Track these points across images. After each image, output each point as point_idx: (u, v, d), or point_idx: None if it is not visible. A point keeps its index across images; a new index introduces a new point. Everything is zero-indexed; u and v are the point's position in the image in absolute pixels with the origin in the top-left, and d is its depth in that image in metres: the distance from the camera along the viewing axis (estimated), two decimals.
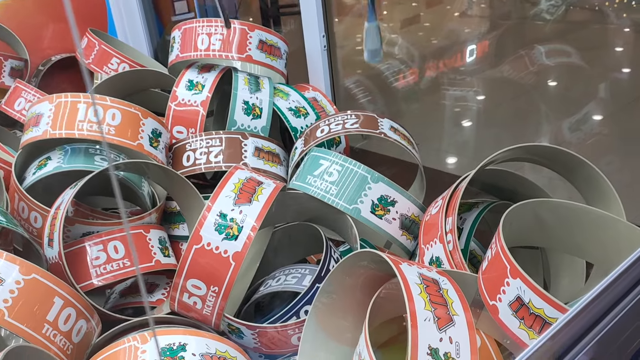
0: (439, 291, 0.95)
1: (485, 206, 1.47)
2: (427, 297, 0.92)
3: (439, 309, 0.91)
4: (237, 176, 1.43)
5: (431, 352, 0.85)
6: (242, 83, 1.86)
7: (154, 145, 1.66)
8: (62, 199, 1.46)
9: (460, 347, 0.88)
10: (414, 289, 0.92)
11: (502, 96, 2.76)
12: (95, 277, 1.45)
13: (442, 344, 0.87)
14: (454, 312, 0.93)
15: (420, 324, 0.87)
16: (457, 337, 0.89)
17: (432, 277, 0.99)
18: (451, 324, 0.90)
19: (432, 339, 0.87)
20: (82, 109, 1.58)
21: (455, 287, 0.98)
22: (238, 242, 1.31)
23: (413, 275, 0.96)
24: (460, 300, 0.96)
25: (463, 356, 0.87)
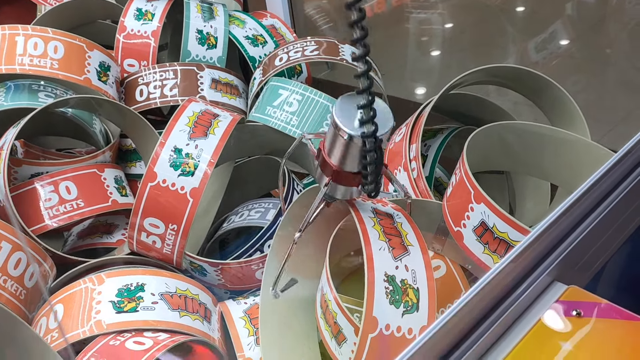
0: (393, 224, 0.94)
1: (449, 132, 1.44)
2: (381, 229, 0.91)
3: (393, 239, 0.90)
4: (191, 109, 1.36)
5: (388, 279, 0.84)
6: (195, 11, 1.75)
7: (103, 79, 1.57)
8: (5, 138, 1.37)
9: (417, 274, 0.87)
10: (368, 222, 0.90)
11: (468, 21, 2.69)
12: (49, 219, 1.39)
13: (398, 272, 0.85)
14: (408, 243, 0.91)
15: (375, 252, 0.86)
16: (412, 265, 0.87)
17: (386, 212, 0.96)
18: (406, 253, 0.89)
19: (388, 266, 0.85)
20: (20, 41, 1.46)
21: (409, 220, 0.96)
22: (195, 178, 1.26)
23: (366, 211, 0.94)
24: (414, 232, 0.94)
25: (420, 282, 0.86)
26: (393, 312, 0.83)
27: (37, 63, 1.47)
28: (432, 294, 0.87)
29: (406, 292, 0.84)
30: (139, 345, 0.99)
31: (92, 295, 1.08)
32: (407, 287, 0.85)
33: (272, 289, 1.02)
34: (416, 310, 0.84)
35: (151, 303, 1.09)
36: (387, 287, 0.83)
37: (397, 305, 0.83)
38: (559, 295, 0.67)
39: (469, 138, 1.15)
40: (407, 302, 0.84)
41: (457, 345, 0.61)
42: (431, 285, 0.88)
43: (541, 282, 0.68)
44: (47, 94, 1.54)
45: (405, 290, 0.85)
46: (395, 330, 0.83)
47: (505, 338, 0.64)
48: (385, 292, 0.83)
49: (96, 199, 1.45)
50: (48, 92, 1.55)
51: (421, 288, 0.86)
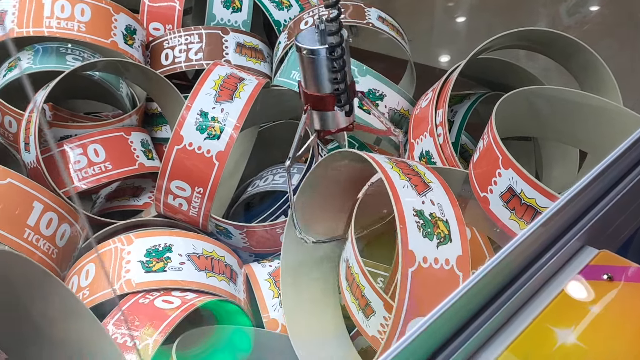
0: (409, 167, 0.97)
1: (477, 97, 1.42)
2: (400, 170, 0.93)
3: (413, 178, 0.92)
4: (216, 72, 1.35)
5: (417, 214, 0.85)
6: None
7: (129, 42, 1.57)
8: (35, 101, 1.39)
9: (444, 207, 0.88)
10: (386, 165, 0.93)
11: None
12: (79, 181, 1.42)
13: (425, 206, 0.87)
14: (428, 180, 0.93)
15: (400, 189, 0.87)
16: (437, 200, 0.89)
17: (399, 159, 1.01)
18: (428, 190, 0.91)
19: (414, 202, 0.87)
20: (47, 3, 1.47)
21: (422, 164, 1.01)
22: (220, 141, 1.27)
23: (381, 160, 0.96)
24: (430, 172, 0.96)
25: (448, 214, 0.88)
26: (428, 245, 0.83)
27: (64, 26, 1.47)
28: (462, 225, 0.89)
29: (437, 224, 0.85)
30: (168, 304, 1.02)
31: (121, 255, 1.10)
32: (437, 219, 0.86)
33: (298, 232, 1.04)
34: (449, 241, 0.85)
35: (179, 263, 1.11)
36: (418, 221, 0.84)
37: (431, 238, 0.84)
38: (589, 259, 0.67)
39: (497, 102, 1.14)
40: (439, 233, 0.85)
41: (487, 306, 0.62)
42: (459, 217, 0.89)
43: (571, 247, 0.67)
44: (75, 57, 1.55)
45: (436, 222, 0.85)
46: (433, 262, 0.83)
47: (535, 300, 0.65)
48: (417, 226, 0.84)
49: (124, 162, 1.47)
50: (75, 55, 1.56)
51: (450, 220, 0.88)
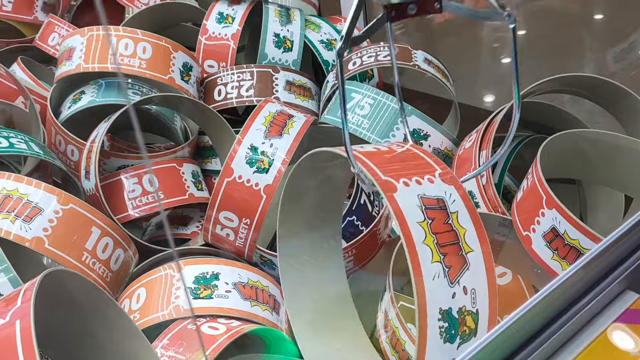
0: (447, 221, 0.77)
1: (521, 140, 1.44)
2: (434, 241, 0.74)
3: (449, 253, 0.75)
4: (267, 109, 1.42)
5: (443, 316, 0.72)
6: (273, 15, 1.82)
7: (185, 79, 1.66)
8: (97, 132, 1.48)
9: (477, 293, 0.75)
10: (417, 233, 0.74)
11: (543, 28, 2.64)
12: (132, 209, 1.49)
13: (455, 301, 0.73)
14: (467, 249, 0.76)
15: (428, 285, 0.72)
16: (472, 283, 0.74)
17: (437, 197, 0.78)
18: (465, 268, 0.75)
19: (442, 299, 0.73)
20: (113, 41, 1.57)
21: (464, 198, 0.80)
22: (269, 175, 1.32)
23: (412, 206, 0.76)
24: (473, 224, 0.78)
25: (480, 301, 0.75)
26: (448, 349, 0.73)
27: (127, 62, 1.57)
28: (493, 308, 0.76)
29: (463, 321, 0.74)
30: (214, 330, 1.05)
31: (171, 282, 1.15)
32: (465, 315, 0.74)
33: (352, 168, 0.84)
34: (474, 336, 0.75)
35: (225, 291, 1.15)
36: (442, 326, 0.72)
37: (453, 340, 0.73)
38: (630, 303, 0.67)
39: (544, 143, 1.15)
40: (464, 332, 0.74)
41: (525, 345, 0.63)
42: (492, 296, 0.76)
43: (612, 290, 0.68)
44: (135, 92, 1.65)
45: (463, 320, 0.74)
46: None
47: (573, 342, 0.65)
48: (440, 333, 0.72)
49: (175, 192, 1.53)
50: (135, 89, 1.66)
51: (481, 308, 0.75)
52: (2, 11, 2.20)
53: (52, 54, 2.18)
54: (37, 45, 2.19)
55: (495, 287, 0.77)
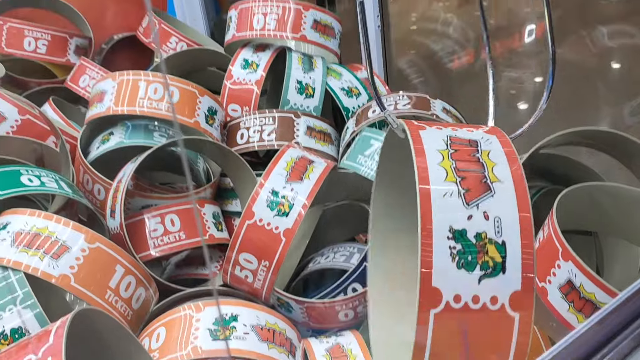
0: (475, 154, 0.69)
1: (537, 190, 1.46)
2: (452, 165, 0.67)
3: (468, 177, 0.66)
4: (289, 154, 1.46)
5: (454, 235, 0.63)
6: (296, 62, 1.88)
7: (210, 122, 1.71)
8: (124, 172, 1.53)
9: (503, 222, 0.64)
10: (432, 156, 0.67)
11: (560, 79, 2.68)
12: (153, 248, 1.52)
13: (472, 223, 0.63)
14: (494, 179, 0.67)
15: (436, 200, 0.64)
16: (497, 211, 0.64)
17: (470, 138, 0.71)
18: (488, 194, 0.65)
19: (454, 218, 0.64)
20: (142, 86, 1.64)
21: (504, 144, 0.71)
22: (289, 219, 1.35)
23: (436, 140, 0.70)
24: (508, 161, 0.69)
25: (507, 232, 0.64)
26: (465, 278, 0.62)
27: (155, 106, 1.63)
28: (528, 245, 0.64)
29: (484, 249, 0.63)
30: None
31: (191, 322, 1.17)
32: (486, 242, 0.64)
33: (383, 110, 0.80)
34: (501, 272, 0.63)
35: (243, 333, 1.17)
36: (453, 246, 0.63)
37: (470, 269, 0.63)
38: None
39: (560, 195, 1.17)
40: (486, 263, 0.63)
41: None
42: (526, 234, 0.64)
43: (625, 346, 0.69)
44: (161, 134, 1.70)
45: (483, 247, 0.63)
46: (470, 301, 0.62)
47: None
48: (451, 254, 0.63)
49: (196, 233, 1.57)
50: (162, 132, 1.71)
51: (509, 240, 0.64)
52: (36, 53, 2.30)
53: (82, 95, 2.26)
54: (68, 86, 2.28)
55: (531, 229, 0.65)
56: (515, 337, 0.62)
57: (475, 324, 0.63)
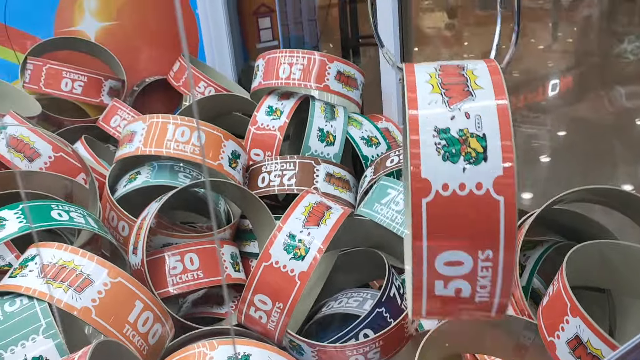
0: (460, 72, 0.77)
1: (550, 245, 1.47)
2: (438, 82, 0.75)
3: (451, 89, 0.74)
4: (307, 200, 1.50)
5: (438, 133, 0.70)
6: (319, 111, 1.95)
7: (233, 165, 1.77)
8: (148, 211, 1.59)
9: (483, 119, 0.71)
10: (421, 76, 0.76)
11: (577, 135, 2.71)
12: (172, 286, 1.56)
13: (454, 122, 0.71)
14: (475, 87, 0.74)
15: (422, 107, 0.72)
16: (477, 110, 0.71)
17: (458, 64, 0.79)
18: (469, 99, 0.72)
19: (438, 120, 0.71)
20: (170, 129, 1.71)
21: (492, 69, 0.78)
22: (304, 262, 1.39)
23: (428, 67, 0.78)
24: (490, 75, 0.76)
25: (487, 126, 0.70)
26: (450, 169, 0.69)
27: (181, 148, 1.70)
28: (507, 137, 0.70)
29: (466, 142, 0.70)
30: None
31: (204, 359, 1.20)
32: (468, 136, 0.71)
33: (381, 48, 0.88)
34: (483, 161, 0.70)
35: None
36: (438, 142, 0.70)
37: (455, 160, 0.70)
38: None
39: (570, 251, 1.19)
40: (469, 153, 0.70)
41: None
42: (505, 128, 0.71)
43: None
44: (185, 175, 1.77)
45: (465, 140, 0.70)
46: (457, 188, 0.69)
47: None
48: (436, 148, 0.70)
49: (214, 272, 1.61)
50: (186, 173, 1.78)
51: (489, 133, 0.71)
52: (72, 93, 2.41)
53: (112, 134, 2.36)
54: (100, 126, 2.38)
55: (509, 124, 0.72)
56: (502, 219, 0.68)
57: (464, 209, 0.69)
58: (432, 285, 0.71)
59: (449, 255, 0.70)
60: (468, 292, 0.71)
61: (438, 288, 0.71)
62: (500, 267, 0.70)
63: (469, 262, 0.70)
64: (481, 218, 0.68)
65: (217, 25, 3.00)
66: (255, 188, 1.85)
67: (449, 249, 0.70)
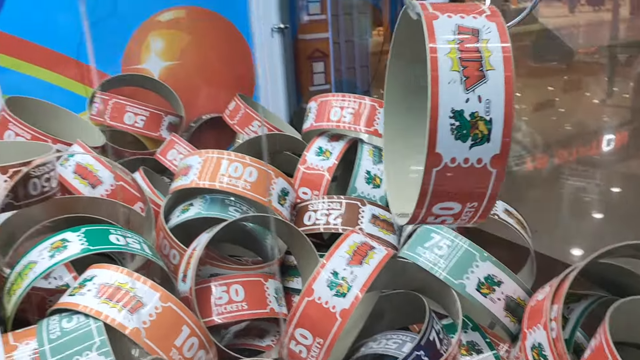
0: (476, 44, 0.87)
1: (595, 299, 1.46)
2: (457, 55, 0.85)
3: (469, 67, 0.85)
4: (352, 239, 1.54)
5: (454, 115, 0.83)
6: (367, 154, 2.00)
7: (281, 202, 1.84)
8: (199, 241, 1.66)
9: (492, 104, 0.84)
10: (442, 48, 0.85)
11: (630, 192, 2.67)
12: (217, 315, 1.61)
13: (468, 105, 0.83)
14: (488, 67, 0.85)
15: (443, 88, 0.83)
16: (487, 94, 0.84)
17: (473, 27, 0.89)
18: (482, 82, 0.84)
19: (456, 102, 0.83)
20: (224, 164, 1.80)
21: (501, 32, 0.88)
22: (346, 300, 1.42)
23: (446, 32, 0.87)
24: (502, 50, 0.87)
25: (494, 111, 0.84)
26: (459, 146, 0.83)
27: (233, 183, 1.78)
28: (508, 122, 0.84)
29: (476, 125, 0.83)
30: None
31: None
32: (478, 119, 0.83)
33: None
34: (487, 141, 0.84)
35: None
36: (453, 124, 0.83)
37: (464, 140, 0.83)
38: None
39: (613, 305, 1.19)
40: (476, 134, 0.83)
41: None
42: (508, 112, 0.84)
43: None
44: (235, 209, 1.84)
45: (475, 123, 0.83)
46: (462, 162, 0.84)
47: None
48: (451, 129, 0.83)
49: (258, 305, 1.65)
50: (236, 207, 1.85)
51: (495, 118, 0.84)
52: (134, 127, 2.56)
53: (168, 166, 2.47)
54: (157, 158, 2.50)
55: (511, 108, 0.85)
56: (491, 185, 0.87)
57: (464, 176, 0.87)
58: (425, 218, 0.93)
59: (444, 204, 0.90)
60: (451, 221, 0.95)
61: (430, 219, 0.93)
62: (480, 212, 0.92)
63: (458, 208, 0.91)
64: (476, 183, 0.87)
65: (273, 68, 3.13)
66: (301, 225, 1.90)
67: (446, 201, 0.89)
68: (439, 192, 0.87)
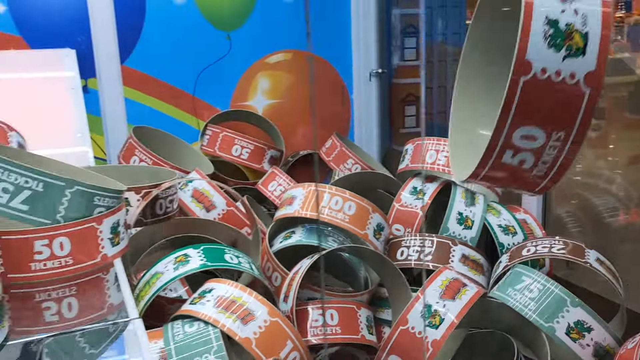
0: None
1: None
2: None
3: None
4: (445, 274, 1.63)
5: (549, 22, 0.79)
6: (460, 196, 2.09)
7: (377, 236, 1.95)
8: (301, 265, 1.80)
9: (588, 19, 0.80)
10: None
11: None
12: (312, 336, 1.73)
13: (564, 15, 0.80)
14: None
15: None
16: (584, 10, 0.81)
17: None
18: None
19: (550, 10, 0.80)
20: (326, 197, 1.94)
21: None
22: (438, 331, 1.50)
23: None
24: None
25: (591, 26, 0.80)
26: (551, 56, 0.79)
27: (333, 215, 1.92)
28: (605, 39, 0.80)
29: (571, 36, 0.80)
30: None
31: None
32: (573, 31, 0.80)
33: None
34: (582, 55, 0.80)
35: None
36: (547, 30, 0.79)
37: (558, 49, 0.79)
38: None
39: None
40: (571, 45, 0.80)
41: None
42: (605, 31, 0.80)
43: None
44: (334, 239, 1.97)
45: (570, 34, 0.80)
46: (553, 74, 0.79)
47: None
48: (544, 36, 0.79)
49: (350, 330, 1.76)
50: (334, 237, 1.98)
51: (592, 32, 0.80)
52: (239, 158, 2.78)
53: (268, 197, 2.66)
54: (259, 188, 2.70)
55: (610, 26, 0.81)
56: (583, 108, 0.79)
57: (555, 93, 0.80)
58: (502, 152, 0.83)
59: (527, 130, 0.81)
60: (530, 164, 0.82)
61: (506, 156, 0.83)
62: (565, 150, 0.81)
63: (542, 139, 0.81)
64: (566, 103, 0.80)
65: (368, 109, 3.30)
66: (394, 260, 2.00)
67: (529, 124, 0.80)
68: (524, 110, 0.81)
